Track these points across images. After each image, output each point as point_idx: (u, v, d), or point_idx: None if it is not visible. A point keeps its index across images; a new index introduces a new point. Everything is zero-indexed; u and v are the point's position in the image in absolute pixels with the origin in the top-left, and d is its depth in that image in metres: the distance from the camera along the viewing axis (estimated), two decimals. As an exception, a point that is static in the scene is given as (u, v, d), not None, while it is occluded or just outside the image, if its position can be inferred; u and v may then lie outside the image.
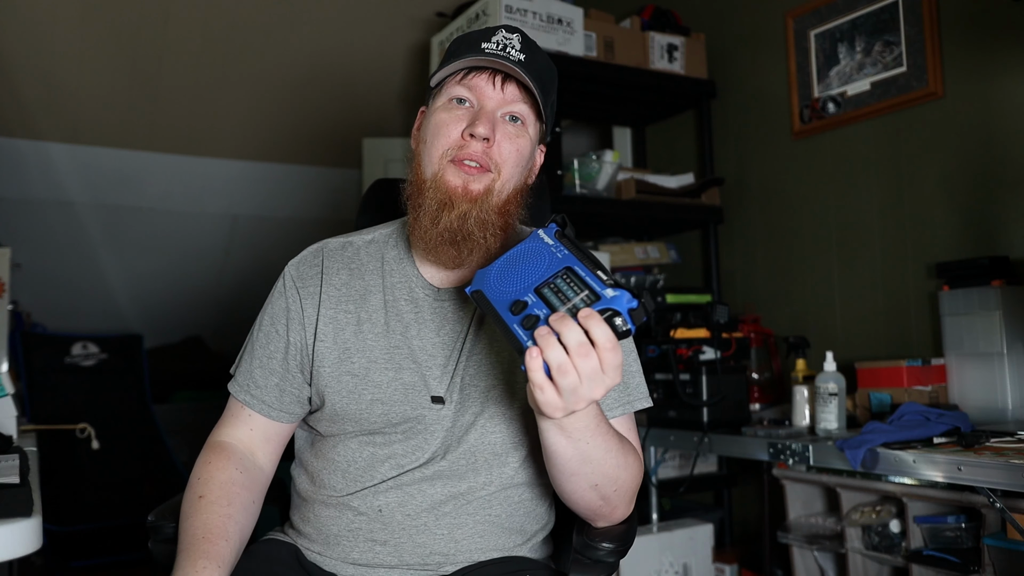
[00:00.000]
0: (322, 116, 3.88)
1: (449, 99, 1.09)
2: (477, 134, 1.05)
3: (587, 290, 0.86)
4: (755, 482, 2.54)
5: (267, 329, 1.16)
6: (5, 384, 1.64)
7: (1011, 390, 1.83)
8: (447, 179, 1.06)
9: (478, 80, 1.08)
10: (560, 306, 0.86)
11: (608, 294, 0.84)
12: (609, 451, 0.99)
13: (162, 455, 3.69)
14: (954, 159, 2.12)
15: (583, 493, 1.03)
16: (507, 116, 1.08)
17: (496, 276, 0.95)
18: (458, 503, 1.09)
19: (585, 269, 0.89)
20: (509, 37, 1.09)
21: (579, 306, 0.84)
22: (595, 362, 0.82)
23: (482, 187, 1.06)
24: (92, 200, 3.84)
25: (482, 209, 1.06)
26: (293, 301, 1.15)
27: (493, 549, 1.10)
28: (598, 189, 2.53)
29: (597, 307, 0.83)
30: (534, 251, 0.95)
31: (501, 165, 1.07)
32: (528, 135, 1.10)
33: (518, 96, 1.09)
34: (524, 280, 0.92)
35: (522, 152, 1.09)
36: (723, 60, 2.81)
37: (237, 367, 1.18)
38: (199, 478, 1.10)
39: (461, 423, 1.10)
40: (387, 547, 1.07)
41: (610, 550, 1.07)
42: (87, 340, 3.82)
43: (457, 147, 1.06)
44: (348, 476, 1.10)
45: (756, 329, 2.42)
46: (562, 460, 0.98)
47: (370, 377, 1.10)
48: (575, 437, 0.95)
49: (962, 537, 1.79)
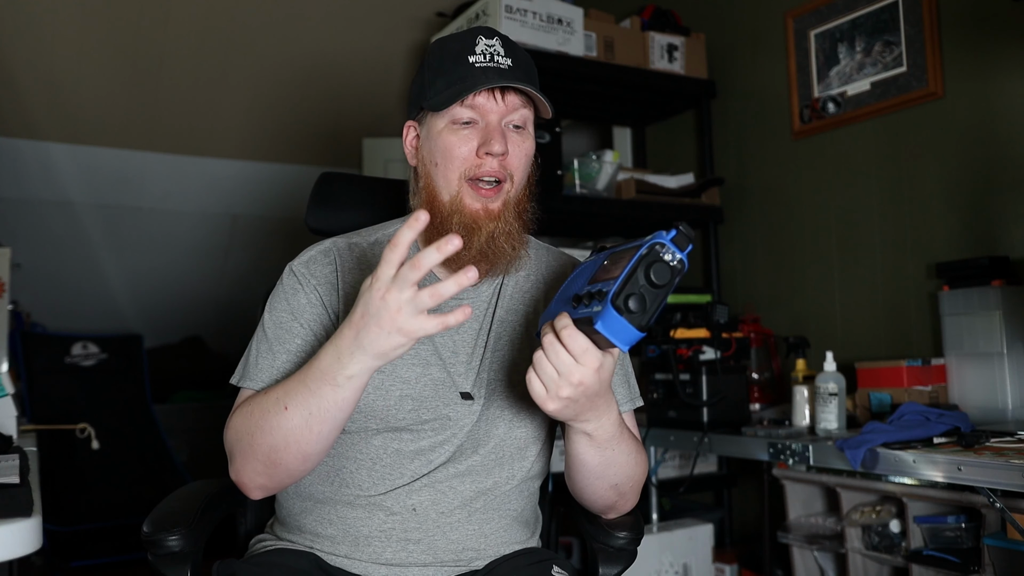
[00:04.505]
0: (322, 116, 3.88)
1: (452, 121, 1.10)
2: (494, 152, 1.07)
3: (629, 251, 0.89)
4: (755, 482, 2.54)
5: (288, 325, 1.11)
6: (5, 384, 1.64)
7: (1011, 390, 1.83)
8: (467, 204, 1.09)
9: (479, 99, 1.09)
10: (611, 275, 0.88)
11: (647, 239, 0.87)
12: (629, 454, 1.07)
13: (162, 455, 3.70)
14: (954, 159, 2.12)
15: (603, 492, 1.11)
16: (511, 125, 1.11)
17: (552, 305, 0.99)
18: (487, 499, 1.12)
19: (625, 244, 0.93)
20: (491, 44, 1.10)
21: (621, 265, 0.87)
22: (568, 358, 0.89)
23: (500, 203, 1.10)
24: (92, 200, 3.84)
25: (506, 222, 1.10)
26: (314, 297, 1.13)
27: (515, 542, 1.15)
28: (598, 189, 2.53)
29: (640, 251, 0.86)
30: (579, 271, 1.01)
31: (514, 172, 1.11)
32: (531, 136, 1.13)
33: (518, 103, 1.11)
34: (576, 287, 0.96)
35: (529, 154, 1.13)
36: (723, 60, 2.81)
37: (254, 367, 1.11)
38: (251, 403, 1.04)
39: (487, 418, 1.12)
40: (420, 545, 1.08)
41: (631, 538, 1.16)
42: (87, 340, 3.83)
43: (475, 166, 1.08)
44: (375, 474, 1.09)
45: (756, 329, 2.41)
46: (588, 467, 1.05)
47: (397, 373, 1.10)
48: (603, 446, 1.02)
49: (962, 537, 1.79)
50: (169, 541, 1.08)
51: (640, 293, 0.85)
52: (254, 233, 4.25)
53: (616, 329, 0.85)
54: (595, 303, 0.86)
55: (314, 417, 0.97)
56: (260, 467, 1.02)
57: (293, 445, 0.99)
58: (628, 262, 0.86)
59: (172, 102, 3.63)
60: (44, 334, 3.80)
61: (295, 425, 0.98)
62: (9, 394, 1.61)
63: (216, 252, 4.28)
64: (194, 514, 1.13)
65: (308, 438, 0.98)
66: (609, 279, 0.87)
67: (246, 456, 1.03)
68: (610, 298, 0.84)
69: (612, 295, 0.84)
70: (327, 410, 0.96)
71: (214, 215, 4.13)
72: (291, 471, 1.03)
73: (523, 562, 1.12)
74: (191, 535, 1.10)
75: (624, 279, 0.85)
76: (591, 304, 0.87)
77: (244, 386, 1.11)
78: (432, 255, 0.83)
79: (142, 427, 3.75)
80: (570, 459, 1.07)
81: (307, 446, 0.99)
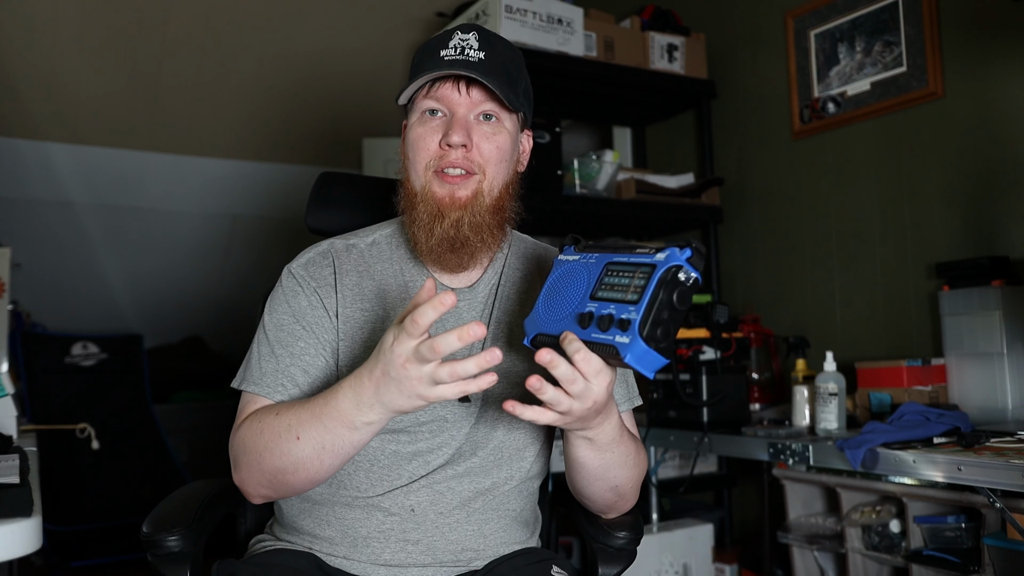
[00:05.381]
0: (322, 116, 3.88)
1: (421, 113, 1.12)
2: (453, 143, 1.07)
3: (638, 268, 0.86)
4: (755, 482, 2.54)
5: (290, 328, 1.11)
6: (5, 384, 1.64)
7: (1011, 390, 1.83)
8: (434, 191, 1.09)
9: (443, 90, 1.09)
10: (622, 295, 0.86)
11: (660, 258, 0.85)
12: (628, 455, 1.07)
13: (162, 455, 3.69)
14: (954, 159, 2.12)
15: (603, 493, 1.11)
16: (480, 116, 1.10)
17: (544, 312, 0.95)
18: (486, 499, 1.12)
19: (624, 255, 0.90)
20: (465, 37, 1.10)
21: (639, 285, 0.84)
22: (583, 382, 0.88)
23: (470, 192, 1.09)
24: (92, 200, 3.84)
25: (474, 213, 1.09)
26: (315, 299, 1.13)
27: (514, 543, 1.15)
28: (598, 189, 2.53)
29: (658, 273, 0.83)
30: (566, 273, 0.96)
31: (485, 165, 1.10)
32: (505, 129, 1.12)
33: (484, 96, 1.10)
34: (573, 298, 0.92)
35: (503, 148, 1.11)
36: (723, 60, 2.81)
37: (258, 371, 1.10)
38: (262, 420, 1.02)
39: (485, 421, 1.12)
40: (419, 546, 1.08)
41: (630, 538, 1.17)
42: (87, 340, 3.82)
43: (438, 157, 1.09)
44: (372, 475, 1.09)
45: (756, 329, 2.42)
46: (588, 469, 1.06)
47: None
48: (603, 449, 1.02)
49: (962, 537, 1.79)
50: (169, 541, 1.08)
51: (665, 321, 0.83)
52: (254, 233, 4.25)
53: (647, 361, 0.83)
54: (615, 331, 0.83)
55: (326, 451, 0.97)
56: (265, 482, 1.04)
57: (302, 472, 1.00)
58: (646, 284, 0.83)
59: (172, 102, 3.63)
60: (44, 334, 3.80)
61: (306, 456, 0.98)
62: (9, 394, 1.61)
63: (216, 252, 4.28)
64: (194, 514, 1.13)
65: (318, 468, 0.99)
66: (624, 302, 0.84)
67: (251, 470, 1.04)
68: (638, 329, 0.81)
69: (639, 325, 0.81)
70: (341, 447, 0.97)
71: (214, 215, 4.13)
72: (296, 489, 1.05)
73: (523, 562, 1.12)
74: (191, 535, 1.10)
75: (648, 307, 0.82)
76: (609, 331, 0.84)
77: (248, 390, 1.10)
78: (452, 342, 0.82)
79: (142, 427, 3.75)
80: (570, 462, 1.07)
81: (315, 474, 1.00)
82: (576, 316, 0.89)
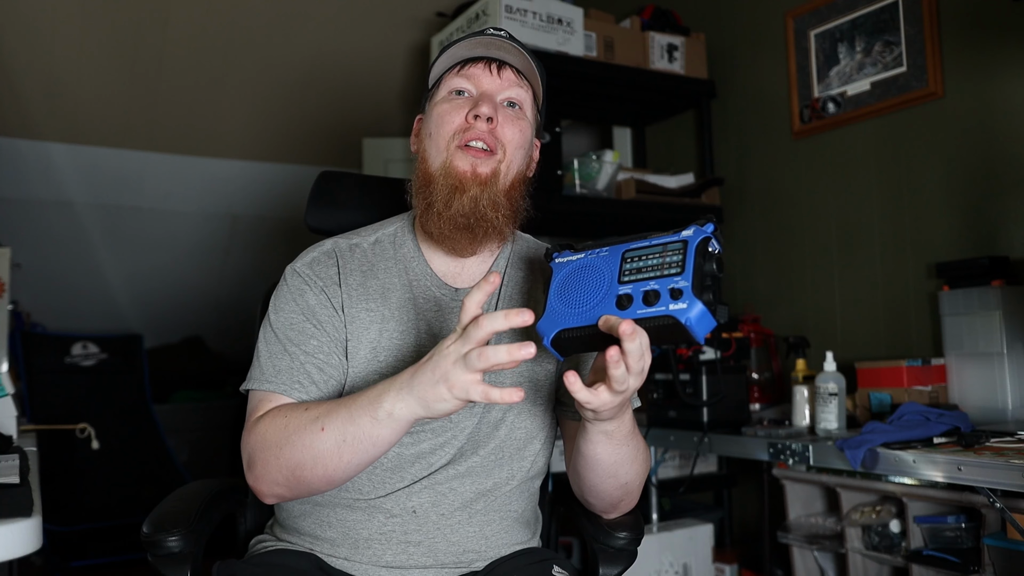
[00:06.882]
0: (322, 116, 3.88)
1: (448, 91, 1.13)
2: (481, 114, 1.08)
3: (666, 246, 0.89)
4: (755, 482, 2.54)
5: (301, 326, 1.10)
6: (5, 384, 1.64)
7: (1011, 390, 1.83)
8: (456, 164, 1.09)
9: (475, 69, 1.12)
10: (658, 272, 0.88)
11: (685, 234, 0.89)
12: (639, 450, 1.08)
13: (162, 455, 3.69)
14: (954, 159, 2.12)
15: (612, 491, 1.11)
16: (505, 102, 1.12)
17: (563, 309, 0.94)
18: (487, 500, 1.12)
19: (640, 241, 0.93)
20: (498, 32, 1.13)
21: (676, 260, 0.87)
22: None
23: (489, 170, 1.09)
24: (92, 200, 3.84)
25: (492, 192, 1.09)
26: (323, 297, 1.12)
27: (515, 543, 1.15)
28: (598, 189, 2.53)
29: (693, 244, 0.87)
30: (576, 270, 0.96)
31: (506, 145, 1.11)
32: (527, 119, 1.14)
33: (514, 80, 1.13)
34: (597, 288, 0.92)
35: (524, 134, 1.13)
36: (723, 60, 2.81)
37: (271, 369, 1.08)
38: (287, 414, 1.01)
39: (488, 420, 1.12)
40: (421, 548, 1.08)
41: (631, 538, 1.17)
42: (87, 340, 3.83)
43: (463, 131, 1.09)
44: (375, 478, 1.09)
45: (756, 329, 2.42)
46: (603, 466, 1.05)
47: (396, 374, 1.09)
48: (620, 443, 1.02)
49: (962, 537, 1.79)
50: (169, 541, 1.08)
51: (710, 287, 0.86)
52: (254, 233, 4.25)
53: (704, 323, 0.85)
54: (667, 301, 0.85)
55: (347, 444, 0.96)
56: (282, 479, 1.01)
57: (320, 467, 0.98)
58: (684, 257, 0.86)
59: (172, 102, 3.63)
60: (44, 334, 3.80)
61: (327, 448, 0.97)
62: (9, 394, 1.61)
63: (216, 252, 4.28)
64: (194, 514, 1.13)
65: (336, 464, 0.97)
66: (664, 276, 0.86)
67: (269, 465, 1.01)
68: (692, 292, 0.84)
69: (693, 288, 0.84)
70: (360, 441, 0.95)
71: (214, 215, 4.13)
72: (312, 489, 1.02)
73: (523, 562, 1.12)
74: (191, 535, 1.10)
75: (695, 273, 0.85)
76: (658, 304, 0.85)
77: (262, 388, 1.08)
78: (499, 321, 0.84)
79: (142, 427, 3.75)
80: (583, 459, 1.06)
81: (333, 472, 0.98)
82: (614, 299, 0.89)
